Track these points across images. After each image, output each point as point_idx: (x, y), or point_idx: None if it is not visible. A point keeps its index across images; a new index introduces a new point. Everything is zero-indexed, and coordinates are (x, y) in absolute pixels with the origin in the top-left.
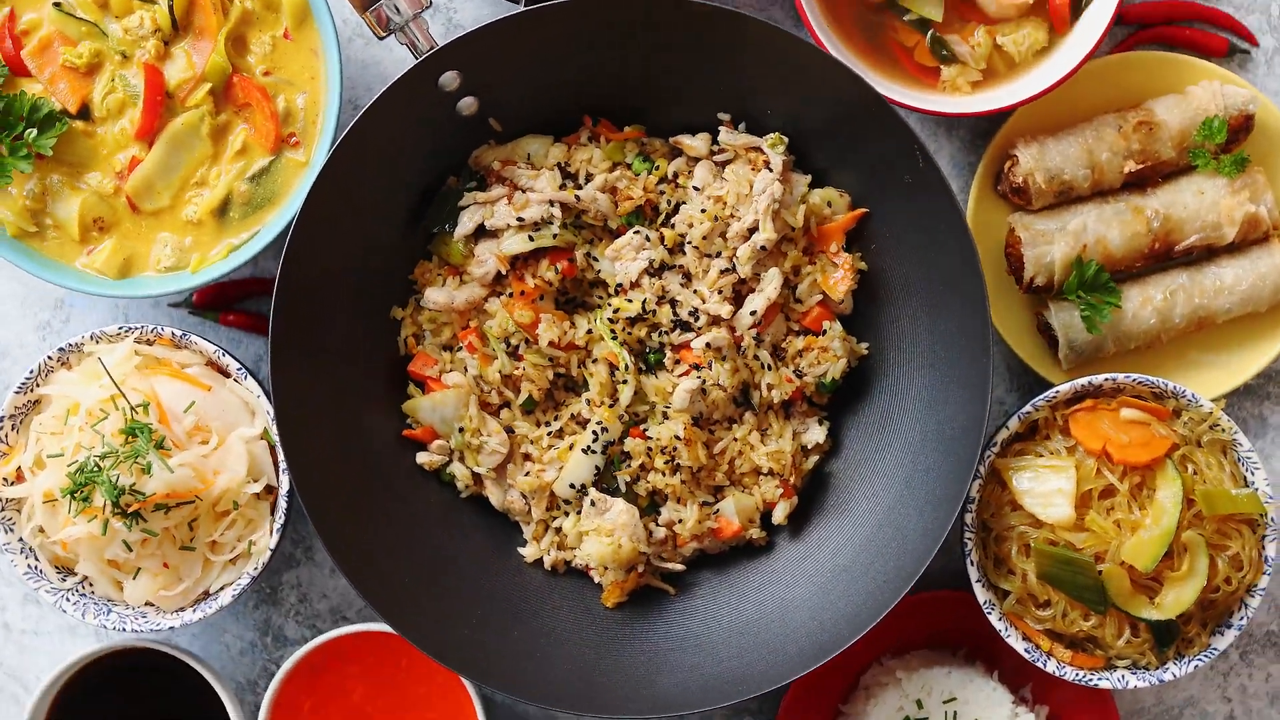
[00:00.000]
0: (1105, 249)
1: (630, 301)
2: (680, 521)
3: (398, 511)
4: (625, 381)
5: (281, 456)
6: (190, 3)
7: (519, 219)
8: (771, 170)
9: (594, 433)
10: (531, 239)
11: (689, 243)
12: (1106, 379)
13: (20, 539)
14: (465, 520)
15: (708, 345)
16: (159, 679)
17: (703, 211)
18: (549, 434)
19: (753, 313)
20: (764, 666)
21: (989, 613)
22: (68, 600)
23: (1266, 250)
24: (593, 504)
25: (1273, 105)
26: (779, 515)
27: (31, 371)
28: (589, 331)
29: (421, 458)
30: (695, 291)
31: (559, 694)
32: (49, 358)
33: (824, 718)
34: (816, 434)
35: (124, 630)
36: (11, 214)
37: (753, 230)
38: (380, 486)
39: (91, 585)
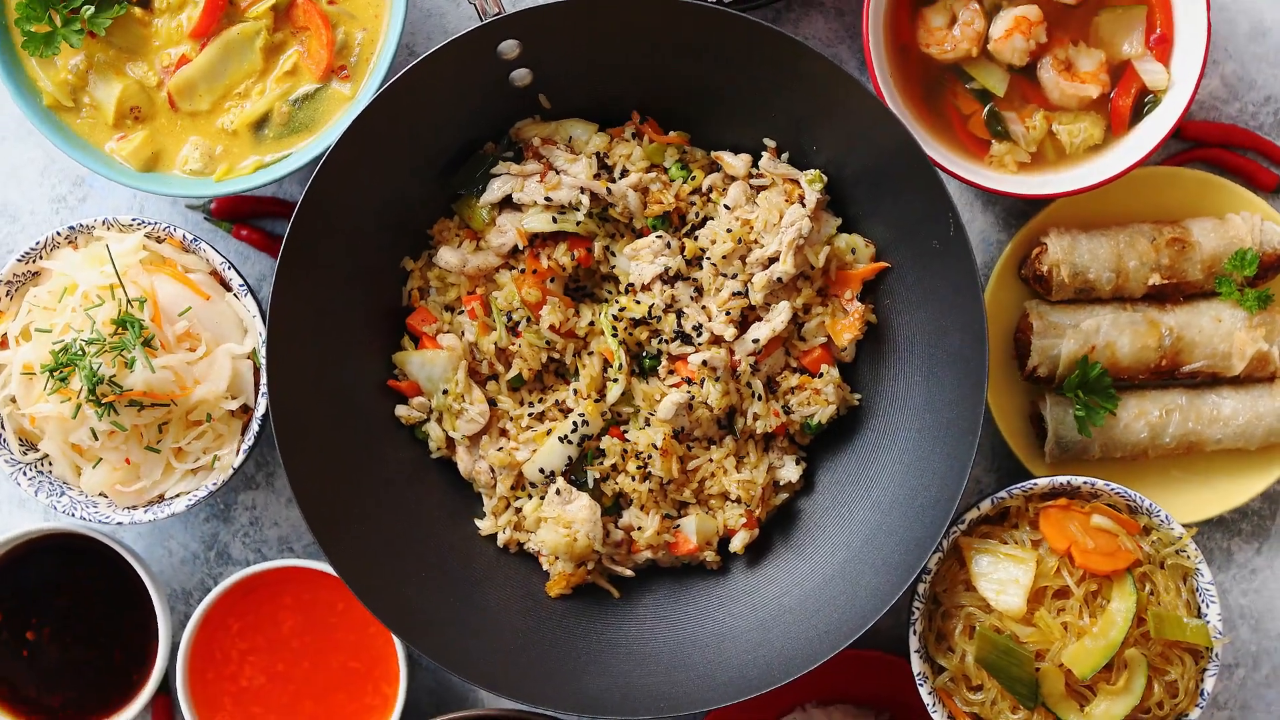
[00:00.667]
0: (1113, 355)
1: (638, 303)
2: (639, 528)
3: (365, 457)
4: (616, 380)
5: (264, 380)
6: None
7: (547, 198)
8: (804, 205)
9: (574, 423)
10: (555, 220)
11: (708, 258)
12: (1086, 482)
13: None
14: (429, 480)
15: (704, 363)
16: (96, 570)
17: (728, 231)
18: (530, 415)
19: (755, 340)
20: (690, 689)
21: (921, 684)
22: (24, 474)
23: (1269, 391)
24: (558, 493)
25: None
26: (737, 544)
27: (38, 243)
28: (591, 323)
29: (400, 410)
30: (703, 307)
31: (485, 672)
32: (58, 233)
33: None
34: (791, 472)
35: (73, 515)
36: (51, 84)
37: (773, 260)
38: (353, 429)
39: (50, 465)
